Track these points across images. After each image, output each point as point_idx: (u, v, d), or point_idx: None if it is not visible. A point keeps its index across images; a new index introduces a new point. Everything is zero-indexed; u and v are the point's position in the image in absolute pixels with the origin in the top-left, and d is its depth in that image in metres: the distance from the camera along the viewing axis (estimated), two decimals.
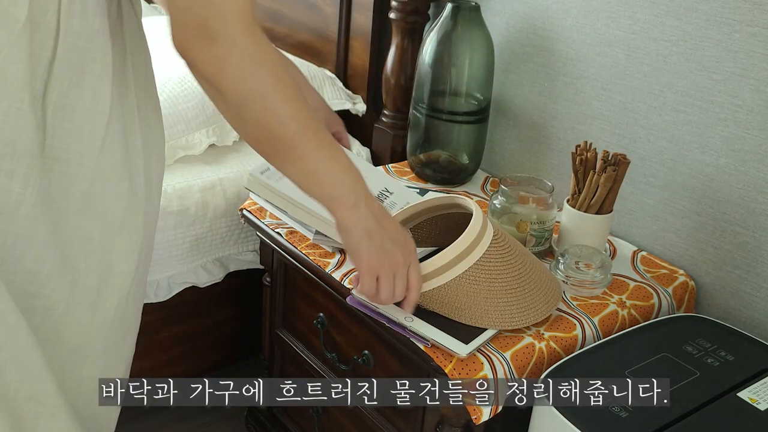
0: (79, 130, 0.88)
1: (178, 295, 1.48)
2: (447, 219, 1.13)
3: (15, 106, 0.81)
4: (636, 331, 1.08)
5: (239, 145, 1.60)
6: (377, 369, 1.18)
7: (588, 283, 1.13)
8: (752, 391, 0.96)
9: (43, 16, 0.82)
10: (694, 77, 1.19)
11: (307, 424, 1.41)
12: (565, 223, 1.22)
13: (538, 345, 1.02)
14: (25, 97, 0.82)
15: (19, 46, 0.80)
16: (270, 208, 1.30)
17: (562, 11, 1.36)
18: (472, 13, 1.38)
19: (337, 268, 1.17)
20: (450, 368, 0.96)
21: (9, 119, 0.81)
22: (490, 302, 1.00)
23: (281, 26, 1.86)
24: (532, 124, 1.47)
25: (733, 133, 1.15)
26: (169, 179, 1.44)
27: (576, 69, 1.36)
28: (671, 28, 1.20)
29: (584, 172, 1.18)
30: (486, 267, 1.00)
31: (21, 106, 0.82)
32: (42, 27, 0.82)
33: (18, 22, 0.80)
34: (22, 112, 0.82)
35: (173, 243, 1.43)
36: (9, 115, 0.81)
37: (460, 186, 1.48)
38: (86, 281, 0.94)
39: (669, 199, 1.26)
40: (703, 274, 1.23)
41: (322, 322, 1.27)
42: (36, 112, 0.83)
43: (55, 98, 0.85)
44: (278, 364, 1.48)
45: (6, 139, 0.81)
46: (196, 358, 1.62)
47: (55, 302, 0.92)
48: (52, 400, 0.92)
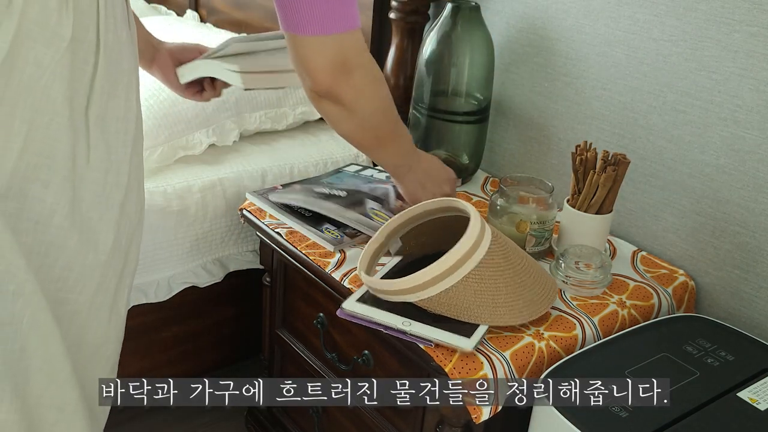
0: (114, 139, 0.91)
1: (178, 295, 1.48)
2: (433, 224, 1.14)
3: (56, 121, 0.84)
4: (636, 331, 1.08)
5: (239, 145, 1.60)
6: (377, 369, 1.18)
7: (588, 283, 1.13)
8: (752, 391, 0.96)
9: (85, 34, 0.84)
10: (694, 77, 1.19)
11: (307, 424, 1.41)
12: (565, 223, 1.22)
13: (538, 345, 1.02)
14: (65, 112, 0.84)
15: (63, 64, 0.83)
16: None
17: (562, 11, 1.36)
18: (472, 13, 1.38)
19: (336, 268, 1.17)
20: (450, 368, 0.96)
21: (50, 132, 0.84)
22: (497, 299, 1.01)
23: None
24: (532, 124, 1.47)
25: (733, 133, 1.15)
26: (169, 179, 1.44)
27: (576, 69, 1.36)
28: (671, 28, 1.20)
29: (584, 172, 1.18)
30: (490, 265, 1.00)
31: (61, 120, 0.84)
32: (85, 44, 0.85)
33: (64, 41, 0.82)
34: (63, 127, 0.85)
35: (173, 243, 1.43)
36: (50, 129, 0.84)
37: (460, 186, 1.48)
38: (109, 283, 0.97)
39: (669, 199, 1.26)
40: (703, 274, 1.23)
41: (322, 322, 1.27)
42: (76, 126, 0.86)
43: (96, 111, 0.88)
44: (278, 364, 1.48)
45: (45, 152, 0.84)
46: (196, 358, 1.62)
47: (80, 306, 0.94)
48: (72, 407, 0.94)
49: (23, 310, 0.86)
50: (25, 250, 0.86)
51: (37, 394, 0.90)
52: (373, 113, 1.07)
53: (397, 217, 1.12)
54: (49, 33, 0.81)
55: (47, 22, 0.81)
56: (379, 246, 1.12)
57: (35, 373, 0.89)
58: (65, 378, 0.92)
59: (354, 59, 0.99)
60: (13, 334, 0.86)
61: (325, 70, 0.98)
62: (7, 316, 0.85)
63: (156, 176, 1.45)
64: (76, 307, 0.93)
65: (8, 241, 0.83)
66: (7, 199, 0.83)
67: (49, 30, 0.81)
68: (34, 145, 0.83)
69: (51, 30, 0.81)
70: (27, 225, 0.86)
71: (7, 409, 0.87)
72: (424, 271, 0.98)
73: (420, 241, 1.16)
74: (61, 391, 0.92)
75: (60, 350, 0.91)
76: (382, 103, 1.08)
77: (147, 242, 1.40)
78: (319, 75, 0.99)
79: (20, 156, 0.82)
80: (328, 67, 0.98)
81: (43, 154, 0.84)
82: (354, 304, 1.05)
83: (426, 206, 1.11)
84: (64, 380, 0.92)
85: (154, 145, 1.47)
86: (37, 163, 0.84)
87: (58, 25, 0.82)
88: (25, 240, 0.86)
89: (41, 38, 0.81)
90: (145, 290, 1.44)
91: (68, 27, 0.82)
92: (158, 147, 1.48)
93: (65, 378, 0.92)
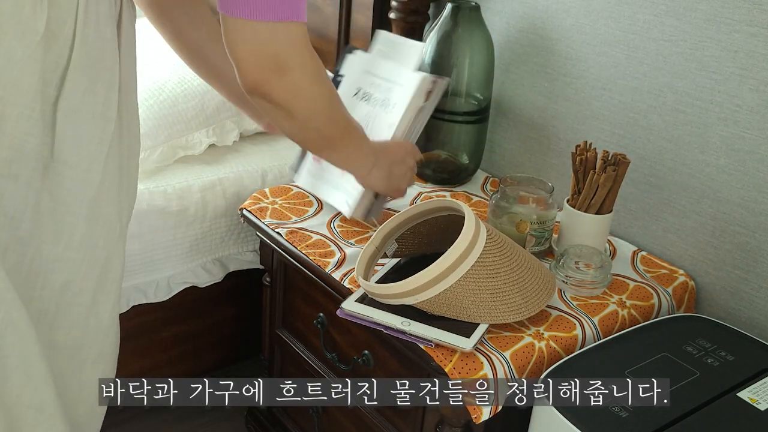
0: (88, 135, 0.89)
1: (178, 295, 1.48)
2: (428, 224, 1.14)
3: (26, 114, 0.83)
4: (636, 331, 1.08)
5: (239, 145, 1.60)
6: (377, 369, 1.18)
7: (588, 283, 1.13)
8: (752, 391, 0.96)
9: (61, 28, 0.83)
10: (694, 77, 1.19)
11: (307, 424, 1.41)
12: (565, 223, 1.22)
13: (538, 345, 1.02)
14: (36, 105, 0.83)
15: (35, 58, 0.82)
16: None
17: (562, 11, 1.36)
18: (472, 13, 1.38)
19: (336, 268, 1.17)
20: (450, 368, 0.96)
21: (19, 125, 0.83)
22: (496, 297, 1.01)
23: None
24: (532, 124, 1.47)
25: (733, 133, 1.15)
26: (169, 179, 1.44)
27: (576, 69, 1.36)
28: (671, 28, 1.20)
29: (584, 172, 1.18)
30: (487, 263, 1.00)
31: (31, 113, 0.83)
32: (60, 38, 0.84)
33: (37, 35, 0.81)
34: (32, 120, 0.83)
35: (173, 243, 1.43)
36: (19, 122, 0.83)
37: (459, 186, 1.48)
38: (82, 283, 0.95)
39: (669, 199, 1.26)
40: (703, 274, 1.23)
41: (322, 322, 1.27)
42: (45, 119, 0.85)
43: (67, 105, 0.86)
44: (278, 364, 1.48)
45: (15, 145, 0.83)
46: (196, 358, 1.62)
47: (46, 304, 0.92)
48: (51, 409, 0.92)
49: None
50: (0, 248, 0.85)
51: (16, 394, 0.89)
52: (313, 115, 0.99)
53: (392, 219, 1.12)
54: (21, 26, 0.80)
55: (20, 15, 0.80)
56: (376, 249, 1.12)
57: (12, 371, 0.88)
58: (43, 378, 0.91)
59: (288, 56, 0.90)
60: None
61: (251, 61, 0.89)
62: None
63: (156, 176, 1.45)
64: (41, 305, 0.92)
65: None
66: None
67: (21, 23, 0.80)
68: (5, 139, 0.82)
69: (24, 23, 0.80)
70: (2, 221, 0.85)
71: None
72: (421, 274, 0.98)
73: (416, 242, 1.16)
74: (39, 391, 0.91)
75: (35, 350, 0.89)
76: (324, 104, 0.99)
77: (146, 242, 1.40)
78: (243, 65, 0.90)
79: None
80: (256, 59, 0.89)
81: (13, 147, 0.83)
82: (353, 304, 1.05)
83: (421, 207, 1.11)
84: (42, 381, 0.91)
85: (153, 145, 1.47)
86: (8, 157, 0.83)
87: (32, 19, 0.80)
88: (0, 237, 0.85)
89: (13, 31, 0.80)
90: (145, 290, 1.44)
91: (42, 21, 0.81)
92: (158, 147, 1.48)
93: (43, 378, 0.91)
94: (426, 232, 1.15)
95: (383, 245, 1.13)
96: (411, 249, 1.16)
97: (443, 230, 1.13)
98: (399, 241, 1.14)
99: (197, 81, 1.54)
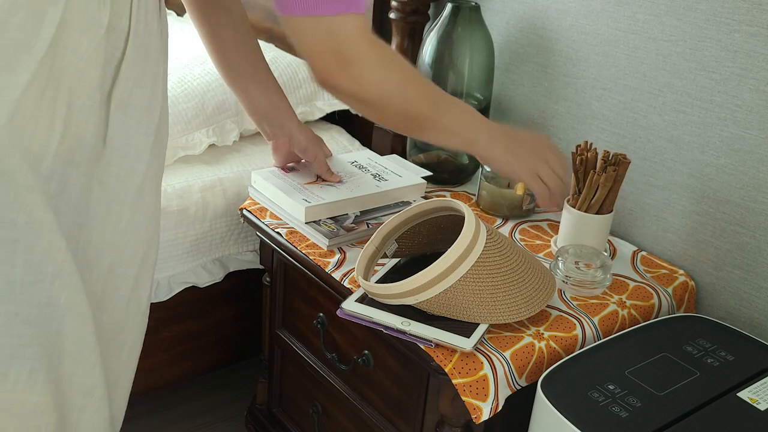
0: (136, 126, 0.93)
1: (178, 295, 1.48)
2: (428, 224, 1.14)
3: (88, 104, 0.87)
4: (636, 331, 1.08)
5: (239, 145, 1.60)
6: (377, 369, 1.18)
7: (588, 283, 1.13)
8: (752, 391, 0.96)
9: (119, 21, 0.87)
10: (694, 77, 1.19)
11: (307, 424, 1.41)
12: (565, 223, 1.22)
13: (538, 345, 1.02)
14: (96, 95, 0.87)
15: (98, 51, 0.86)
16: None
17: (562, 11, 1.36)
18: (472, 13, 1.38)
19: (336, 268, 1.17)
20: (450, 368, 0.97)
21: (82, 115, 0.86)
22: (496, 297, 1.01)
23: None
24: (532, 124, 1.47)
25: (733, 133, 1.15)
26: (169, 179, 1.44)
27: (576, 69, 1.36)
28: (671, 28, 1.20)
29: (584, 172, 1.18)
30: (487, 263, 1.00)
31: (93, 104, 0.87)
32: (117, 30, 0.87)
33: (101, 29, 0.85)
34: (94, 110, 0.87)
35: (173, 243, 1.43)
36: (82, 112, 0.86)
37: (459, 186, 1.48)
38: (126, 269, 0.98)
39: (669, 199, 1.26)
40: (703, 274, 1.23)
41: (322, 322, 1.27)
42: (103, 108, 0.89)
43: (119, 96, 0.90)
44: (278, 364, 1.48)
45: (78, 134, 0.87)
46: (196, 358, 1.62)
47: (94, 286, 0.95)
48: (99, 392, 0.95)
49: (60, 292, 0.87)
50: (65, 232, 0.88)
51: (68, 378, 0.91)
52: (388, 101, 1.00)
53: (391, 219, 1.12)
54: (87, 22, 0.84)
55: (87, 11, 0.84)
56: (376, 249, 1.12)
57: (67, 355, 0.90)
58: (94, 361, 0.93)
59: (348, 48, 0.93)
60: (49, 315, 0.87)
61: (318, 54, 0.93)
62: (44, 297, 0.86)
63: None
64: (90, 287, 0.94)
65: (50, 222, 0.85)
66: (51, 181, 0.85)
67: (88, 19, 0.84)
68: (71, 129, 0.86)
69: (90, 19, 0.84)
70: (66, 207, 0.88)
71: (41, 391, 0.89)
72: (421, 274, 0.98)
73: (416, 242, 1.16)
74: (89, 375, 0.93)
75: (92, 332, 0.92)
76: (393, 88, 1.00)
77: None
78: (313, 59, 0.94)
79: (61, 140, 0.85)
80: (321, 52, 0.93)
81: (77, 137, 0.87)
82: (353, 304, 1.05)
83: (420, 207, 1.11)
84: (93, 364, 0.93)
85: None
86: (72, 146, 0.86)
87: (97, 14, 0.84)
88: (65, 221, 0.88)
89: (81, 26, 0.83)
90: None
91: (106, 15, 0.85)
92: None
93: (94, 361, 0.93)
94: (426, 232, 1.15)
95: (383, 245, 1.13)
96: (411, 249, 1.16)
97: (443, 230, 1.13)
98: (399, 241, 1.14)
99: (197, 81, 1.54)
